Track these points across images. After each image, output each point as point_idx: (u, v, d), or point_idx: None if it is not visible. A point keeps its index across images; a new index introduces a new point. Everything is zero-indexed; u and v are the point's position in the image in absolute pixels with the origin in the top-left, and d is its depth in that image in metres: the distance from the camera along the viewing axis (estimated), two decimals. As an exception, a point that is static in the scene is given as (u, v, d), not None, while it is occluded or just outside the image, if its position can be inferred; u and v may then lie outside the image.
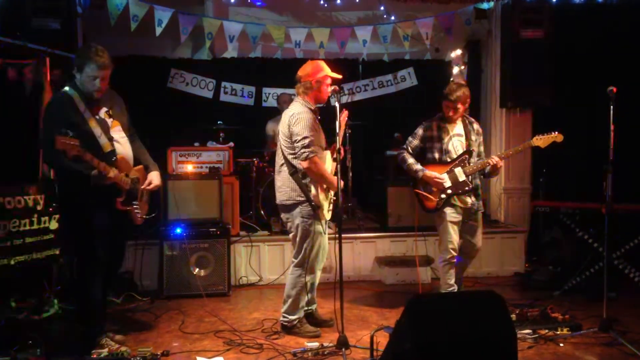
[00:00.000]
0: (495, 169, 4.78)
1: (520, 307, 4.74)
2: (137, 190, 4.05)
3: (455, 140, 4.84)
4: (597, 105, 4.57)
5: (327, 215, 4.34)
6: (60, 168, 3.88)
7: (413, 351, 2.81)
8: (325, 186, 4.24)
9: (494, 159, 4.72)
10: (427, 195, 4.83)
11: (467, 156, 4.79)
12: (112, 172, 3.73)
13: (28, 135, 3.73)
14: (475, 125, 4.94)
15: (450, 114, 4.77)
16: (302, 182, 4.18)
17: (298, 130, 4.12)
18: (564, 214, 5.60)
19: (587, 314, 4.75)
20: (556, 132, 4.73)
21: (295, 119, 4.15)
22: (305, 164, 4.10)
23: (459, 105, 4.73)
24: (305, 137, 4.10)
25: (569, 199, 5.69)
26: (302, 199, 4.20)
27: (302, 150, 4.10)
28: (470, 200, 4.82)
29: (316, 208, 4.19)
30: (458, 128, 4.87)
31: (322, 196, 4.20)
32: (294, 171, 4.20)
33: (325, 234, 4.38)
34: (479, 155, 4.90)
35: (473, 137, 4.86)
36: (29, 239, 4.60)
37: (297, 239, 4.28)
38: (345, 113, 4.50)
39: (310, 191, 4.17)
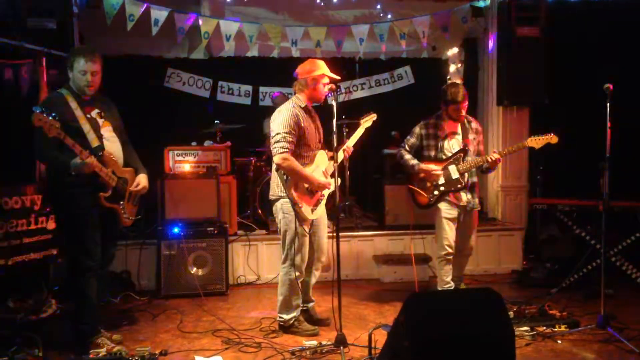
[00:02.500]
0: (494, 165, 4.82)
1: (518, 304, 4.75)
2: (125, 190, 4.07)
3: (452, 138, 4.90)
4: (594, 103, 4.58)
5: (311, 215, 4.29)
6: (48, 161, 3.99)
7: (411, 349, 2.82)
8: (306, 185, 4.23)
9: (494, 156, 4.76)
10: (420, 191, 4.89)
11: (462, 154, 4.84)
12: (91, 159, 3.73)
13: (25, 136, 3.73)
14: (474, 124, 5.00)
15: (459, 114, 4.82)
16: (284, 178, 4.20)
17: (274, 126, 4.18)
18: (561, 211, 5.61)
19: (585, 311, 4.76)
20: (551, 134, 4.75)
21: (275, 115, 4.22)
22: (275, 160, 4.13)
23: (465, 104, 4.81)
24: (277, 133, 4.11)
25: (566, 196, 5.70)
26: (283, 194, 4.22)
27: (273, 146, 4.14)
28: (465, 197, 4.86)
29: (294, 205, 4.16)
30: (455, 126, 4.91)
31: (297, 194, 4.17)
32: (277, 167, 4.23)
33: (308, 234, 4.31)
34: (478, 153, 4.93)
35: (471, 136, 4.91)
36: (27, 239, 4.59)
37: (281, 234, 4.31)
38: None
39: (289, 188, 4.17)
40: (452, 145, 4.89)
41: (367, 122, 4.82)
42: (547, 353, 3.97)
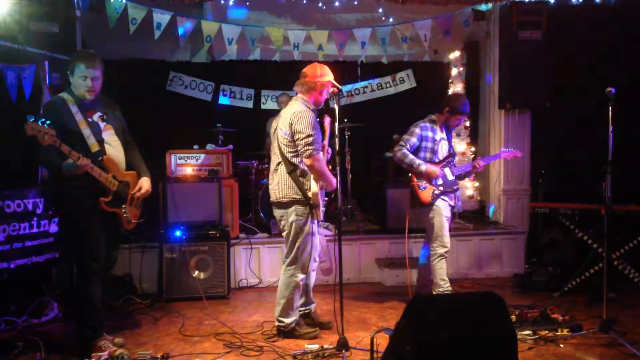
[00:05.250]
0: (475, 171, 5.20)
1: (520, 308, 4.74)
2: (127, 194, 4.07)
3: (443, 142, 5.06)
4: (596, 106, 4.58)
5: (321, 215, 4.35)
6: (46, 167, 4.01)
7: (413, 353, 2.81)
8: (319, 185, 4.25)
9: (480, 163, 5.11)
10: (426, 187, 4.94)
11: (451, 158, 5.07)
12: (82, 160, 3.71)
13: (27, 140, 3.74)
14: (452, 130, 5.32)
15: (458, 124, 5.15)
16: (300, 180, 4.20)
17: (301, 128, 4.12)
18: (563, 215, 5.61)
19: (587, 315, 4.76)
20: (517, 150, 5.36)
21: (297, 117, 4.15)
22: (308, 161, 4.11)
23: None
24: (309, 135, 4.10)
25: (568, 200, 5.69)
26: (299, 197, 4.21)
27: (305, 148, 4.10)
28: (453, 200, 5.05)
29: (314, 207, 4.20)
30: (443, 131, 5.09)
31: (319, 195, 4.22)
32: (292, 169, 4.21)
33: (318, 234, 4.38)
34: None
35: (452, 141, 5.21)
36: (29, 242, 4.60)
37: (290, 237, 4.28)
38: (328, 119, 4.54)
39: (308, 190, 4.18)
40: (443, 149, 5.04)
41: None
42: (550, 357, 3.96)
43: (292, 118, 4.16)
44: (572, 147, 6.70)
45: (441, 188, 4.93)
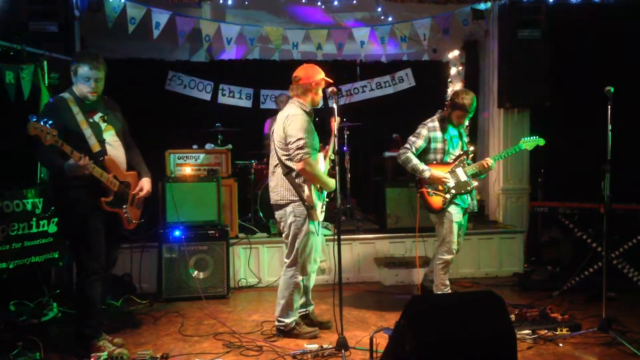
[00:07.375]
0: (485, 171, 4.93)
1: (520, 307, 4.75)
2: (128, 194, 4.07)
3: (454, 141, 4.93)
4: (595, 105, 4.57)
5: (320, 216, 4.34)
6: (47, 166, 4.00)
7: (413, 352, 2.81)
8: (318, 186, 4.26)
9: (489, 161, 4.85)
10: (436, 193, 4.81)
11: (464, 157, 4.89)
12: (84, 160, 3.70)
13: (26, 140, 3.74)
14: (464, 128, 5.10)
15: (460, 121, 4.89)
16: (296, 182, 4.20)
17: (292, 132, 4.14)
18: (562, 214, 5.61)
19: (587, 314, 4.76)
20: (539, 137, 4.97)
21: (290, 121, 4.17)
22: (299, 165, 4.12)
23: (470, 115, 4.89)
24: (299, 139, 4.11)
25: (568, 199, 5.69)
26: (295, 198, 4.21)
27: (296, 152, 4.11)
28: (469, 200, 4.90)
29: (309, 208, 4.20)
30: (454, 129, 4.95)
31: (314, 196, 4.21)
32: (287, 171, 4.22)
33: (318, 234, 4.38)
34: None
35: (465, 139, 5.02)
36: (28, 242, 4.60)
37: (289, 238, 4.29)
38: (337, 120, 4.53)
39: (303, 191, 4.18)
40: (454, 148, 4.92)
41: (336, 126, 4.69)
42: (549, 356, 3.96)
43: (285, 121, 4.19)
44: (571, 146, 6.70)
45: (453, 191, 4.76)
